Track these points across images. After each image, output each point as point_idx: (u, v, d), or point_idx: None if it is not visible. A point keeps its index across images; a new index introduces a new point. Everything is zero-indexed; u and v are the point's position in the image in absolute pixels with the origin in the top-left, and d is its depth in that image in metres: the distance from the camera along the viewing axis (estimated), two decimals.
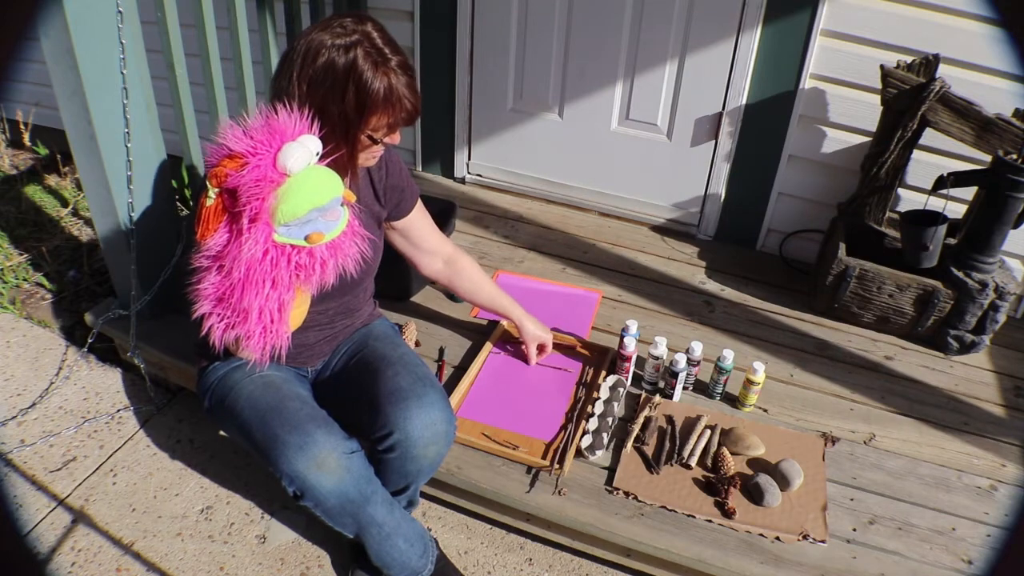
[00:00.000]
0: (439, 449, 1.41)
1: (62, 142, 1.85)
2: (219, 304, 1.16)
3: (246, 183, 1.09)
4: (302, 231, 1.13)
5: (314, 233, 1.13)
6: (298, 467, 1.29)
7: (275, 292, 1.15)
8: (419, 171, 2.94)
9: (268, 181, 1.10)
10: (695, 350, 1.81)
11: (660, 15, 2.34)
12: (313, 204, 1.12)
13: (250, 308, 1.14)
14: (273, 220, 1.11)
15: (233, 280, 1.13)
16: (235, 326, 1.16)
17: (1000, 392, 1.97)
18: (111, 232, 1.82)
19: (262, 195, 1.10)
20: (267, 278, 1.13)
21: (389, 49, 1.23)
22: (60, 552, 1.56)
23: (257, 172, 1.10)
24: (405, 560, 1.44)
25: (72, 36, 1.50)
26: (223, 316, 1.16)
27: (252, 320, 1.15)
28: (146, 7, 1.62)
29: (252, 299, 1.14)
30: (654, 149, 2.56)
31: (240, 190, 1.10)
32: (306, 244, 1.14)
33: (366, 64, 1.20)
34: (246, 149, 1.11)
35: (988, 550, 1.51)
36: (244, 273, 1.12)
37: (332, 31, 1.20)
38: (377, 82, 1.21)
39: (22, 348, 2.12)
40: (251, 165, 1.10)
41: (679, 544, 1.47)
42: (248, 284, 1.13)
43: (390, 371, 1.43)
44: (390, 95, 1.23)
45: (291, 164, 1.11)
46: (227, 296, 1.15)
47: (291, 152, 1.11)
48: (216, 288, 1.15)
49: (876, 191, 2.11)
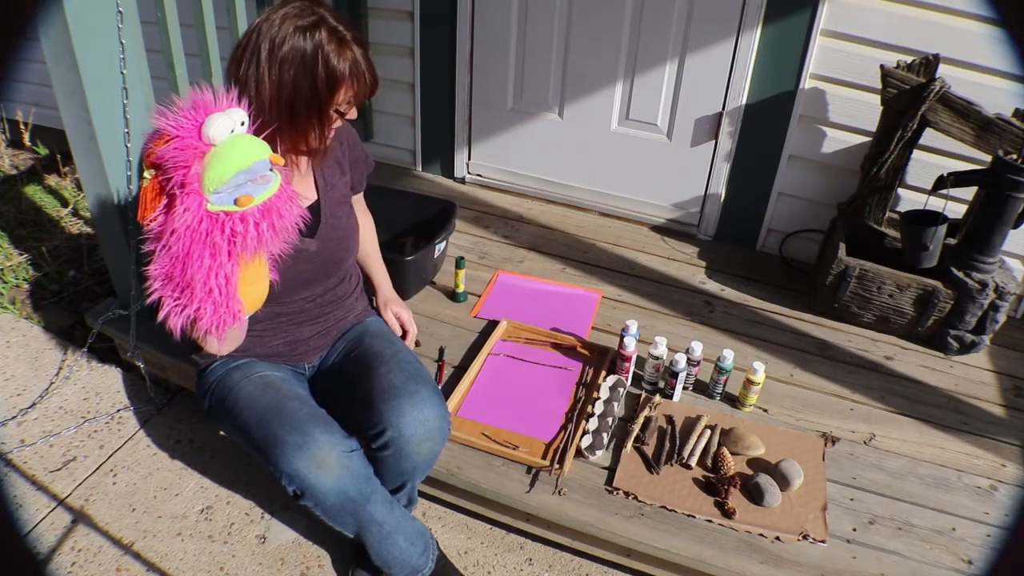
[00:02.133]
0: (433, 446, 1.41)
1: (62, 142, 1.85)
2: (167, 284, 1.16)
3: (168, 152, 1.12)
4: (231, 196, 1.15)
5: (243, 196, 1.15)
6: (298, 466, 1.29)
7: (215, 262, 1.15)
8: (419, 171, 2.94)
9: (192, 149, 1.12)
10: (695, 350, 1.81)
11: (660, 15, 2.34)
12: (238, 167, 1.14)
13: (194, 281, 1.15)
14: (203, 189, 1.13)
15: (173, 255, 1.14)
16: (185, 306, 1.17)
17: (1000, 392, 1.97)
18: (111, 232, 1.82)
19: (187, 162, 1.12)
20: (205, 248, 1.14)
21: (344, 27, 1.28)
22: (60, 552, 1.56)
23: (179, 143, 1.12)
24: (406, 558, 1.44)
25: (72, 36, 1.50)
26: (173, 297, 1.17)
27: (198, 294, 1.15)
28: (146, 7, 1.62)
29: (195, 272, 1.14)
30: (654, 149, 2.56)
31: (164, 160, 1.12)
32: (237, 209, 1.15)
33: (331, 44, 1.24)
34: (169, 125, 1.14)
35: (988, 550, 1.51)
36: (184, 247, 1.13)
37: (290, 16, 1.24)
38: (343, 59, 1.26)
39: (22, 348, 2.12)
40: (176, 138, 1.12)
41: (679, 544, 1.47)
42: (188, 257, 1.14)
43: (383, 368, 1.43)
44: (355, 69, 1.28)
45: (213, 132, 1.13)
46: (171, 274, 1.15)
47: (213, 121, 1.14)
48: (162, 268, 1.16)
49: (876, 191, 2.11)
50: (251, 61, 1.24)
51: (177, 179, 1.12)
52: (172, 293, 1.16)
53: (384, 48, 2.71)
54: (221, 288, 1.16)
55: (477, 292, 2.23)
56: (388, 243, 2.20)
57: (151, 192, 1.16)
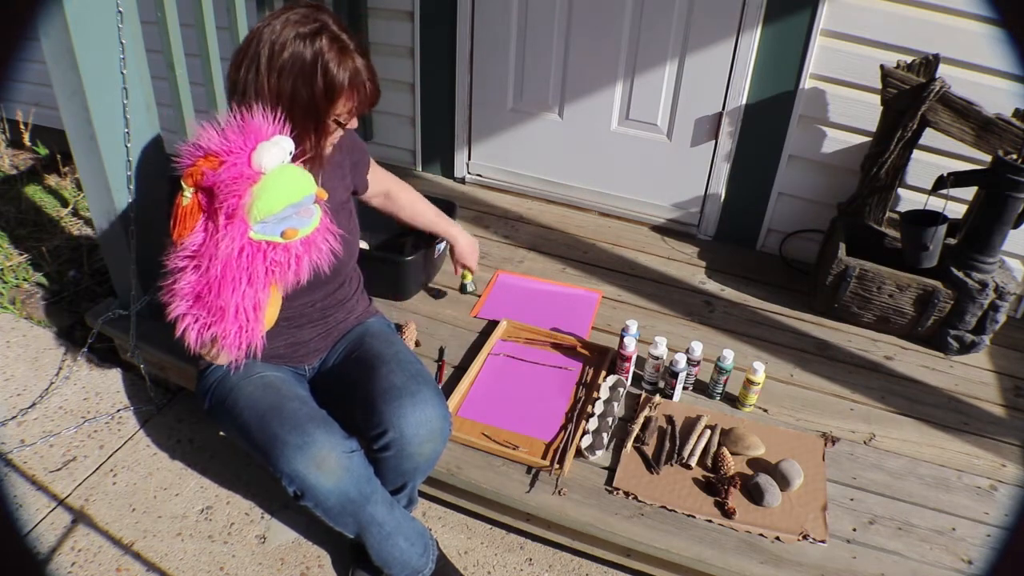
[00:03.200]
0: (435, 447, 1.41)
1: (62, 142, 1.85)
2: (196, 303, 1.17)
3: (223, 180, 1.11)
4: (277, 228, 1.15)
5: (289, 229, 1.16)
6: (298, 467, 1.29)
7: (251, 289, 1.16)
8: (419, 171, 2.94)
9: (245, 178, 1.12)
10: (695, 350, 1.81)
11: (660, 15, 2.34)
12: (289, 200, 1.14)
13: (227, 306, 1.15)
14: (249, 217, 1.13)
15: (210, 278, 1.14)
16: (211, 325, 1.17)
17: (1000, 392, 1.97)
18: (111, 232, 1.82)
19: (239, 192, 1.11)
20: (243, 275, 1.15)
21: (346, 35, 1.26)
22: (60, 552, 1.56)
23: (234, 170, 1.11)
24: (406, 559, 1.44)
25: (72, 36, 1.50)
26: (198, 316, 1.17)
27: (228, 318, 1.16)
28: (146, 7, 1.62)
29: (229, 296, 1.15)
30: (654, 149, 2.56)
31: (217, 188, 1.12)
32: (281, 240, 1.16)
33: (332, 52, 1.23)
34: (222, 148, 1.12)
35: (988, 550, 1.51)
36: (221, 270, 1.13)
37: (292, 22, 1.22)
38: (343, 69, 1.24)
39: (22, 348, 2.12)
40: (227, 163, 1.12)
41: (679, 544, 1.47)
42: (225, 281, 1.14)
43: (384, 369, 1.43)
44: (355, 80, 1.26)
45: (266, 162, 1.13)
46: (204, 294, 1.16)
47: (266, 151, 1.13)
48: (193, 287, 1.16)
49: (876, 191, 2.11)
50: (250, 67, 1.22)
51: (228, 207, 1.12)
52: (198, 311, 1.17)
53: (384, 48, 2.71)
54: (249, 313, 1.18)
55: (477, 292, 2.23)
56: (388, 243, 2.20)
57: (190, 211, 1.15)
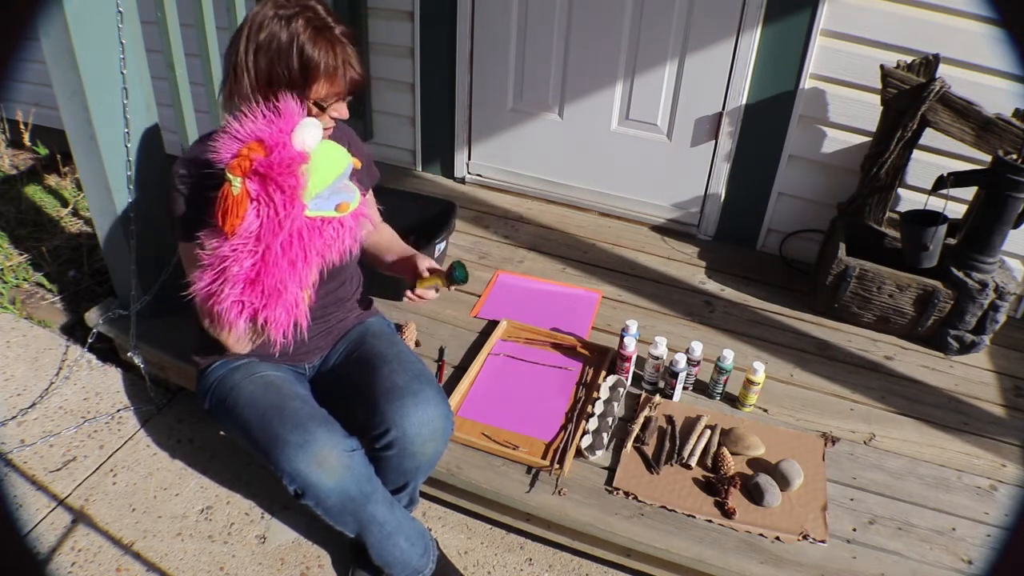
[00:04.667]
0: (437, 446, 1.41)
1: (62, 142, 1.85)
2: (247, 288, 1.18)
3: (277, 163, 1.12)
4: (330, 202, 1.19)
5: (342, 203, 1.20)
6: (299, 465, 1.29)
7: (307, 268, 1.19)
8: (419, 171, 2.94)
9: (297, 159, 1.14)
10: (695, 350, 1.81)
11: (660, 15, 2.34)
12: (337, 172, 1.19)
13: (284, 287, 1.18)
14: (304, 196, 1.15)
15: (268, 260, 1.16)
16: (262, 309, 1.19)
17: (1000, 392, 1.97)
18: (111, 232, 1.82)
19: (294, 172, 1.13)
20: (302, 253, 1.18)
21: (332, 19, 1.26)
22: (60, 552, 1.56)
23: (285, 152, 1.13)
24: (407, 559, 1.44)
25: (72, 36, 1.50)
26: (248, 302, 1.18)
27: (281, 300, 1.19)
28: (146, 7, 1.62)
29: (287, 277, 1.17)
30: (654, 149, 2.56)
31: (273, 172, 1.13)
32: (336, 214, 1.20)
33: (307, 32, 1.23)
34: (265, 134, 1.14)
35: (988, 550, 1.51)
36: (282, 251, 1.16)
37: (276, 4, 1.23)
38: (319, 50, 1.23)
39: (22, 348, 2.12)
40: (276, 147, 1.13)
41: (679, 544, 1.47)
42: (285, 262, 1.17)
43: (386, 368, 1.43)
44: (332, 62, 1.24)
45: (309, 141, 1.15)
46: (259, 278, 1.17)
47: (307, 130, 1.15)
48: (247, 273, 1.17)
49: (876, 191, 2.11)
50: (234, 49, 1.24)
51: (288, 187, 1.13)
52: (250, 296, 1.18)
53: (384, 48, 2.71)
54: (299, 294, 1.21)
55: (477, 292, 2.23)
56: None
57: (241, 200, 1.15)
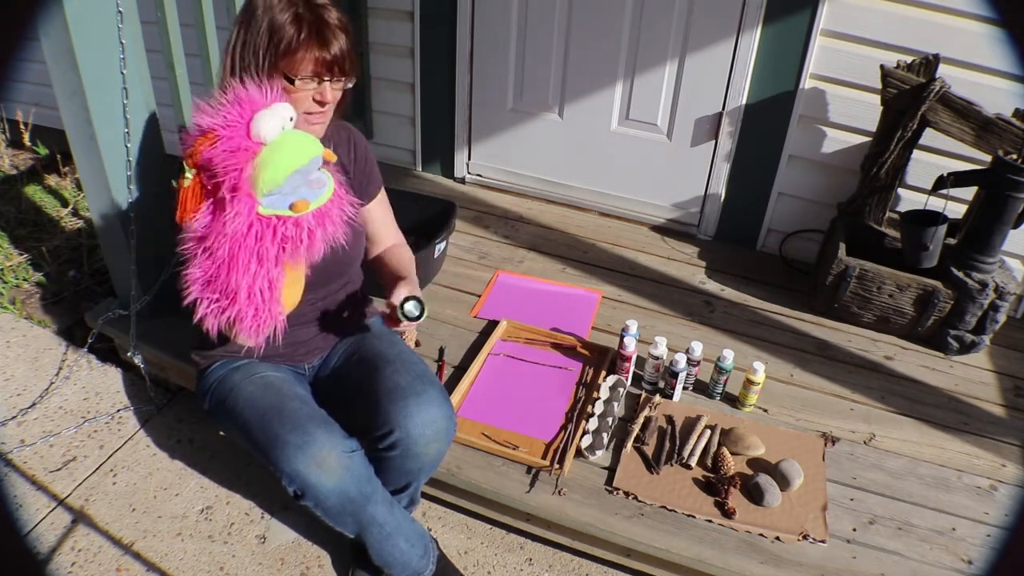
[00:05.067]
0: (440, 447, 1.41)
1: (62, 142, 1.85)
2: (207, 287, 1.12)
3: (219, 155, 1.07)
4: (286, 200, 1.09)
5: (299, 201, 1.10)
6: (298, 466, 1.29)
7: (262, 268, 1.11)
8: (419, 171, 2.94)
9: (243, 150, 1.07)
10: (695, 350, 1.81)
11: (660, 15, 2.34)
12: (293, 167, 1.08)
13: (238, 287, 1.10)
14: (255, 191, 1.07)
15: (218, 259, 1.09)
16: (225, 309, 1.13)
17: (1000, 392, 1.97)
18: (111, 232, 1.82)
19: (238, 165, 1.06)
20: (252, 253, 1.09)
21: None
22: (60, 552, 1.56)
23: (230, 143, 1.07)
24: (406, 560, 1.44)
25: (72, 36, 1.50)
26: (211, 300, 1.13)
27: (241, 300, 1.12)
28: (146, 7, 1.62)
29: (240, 277, 1.10)
30: (654, 149, 2.56)
31: (214, 163, 1.07)
32: (292, 214, 1.10)
33: (281, 4, 1.20)
34: (216, 124, 1.08)
35: (988, 550, 1.51)
36: (228, 251, 1.09)
37: None
38: (289, 19, 1.20)
39: (22, 348, 2.12)
40: (223, 138, 1.07)
41: (679, 544, 1.47)
42: (234, 262, 1.09)
43: (389, 369, 1.42)
44: (300, 32, 1.20)
45: (264, 131, 1.08)
46: (214, 277, 1.11)
47: (264, 119, 1.08)
48: (203, 271, 1.11)
49: (876, 191, 2.11)
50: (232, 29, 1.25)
51: (229, 183, 1.06)
52: (212, 295, 1.12)
53: (384, 48, 2.71)
54: (264, 293, 1.13)
55: (477, 292, 2.23)
56: None
57: (193, 193, 1.10)
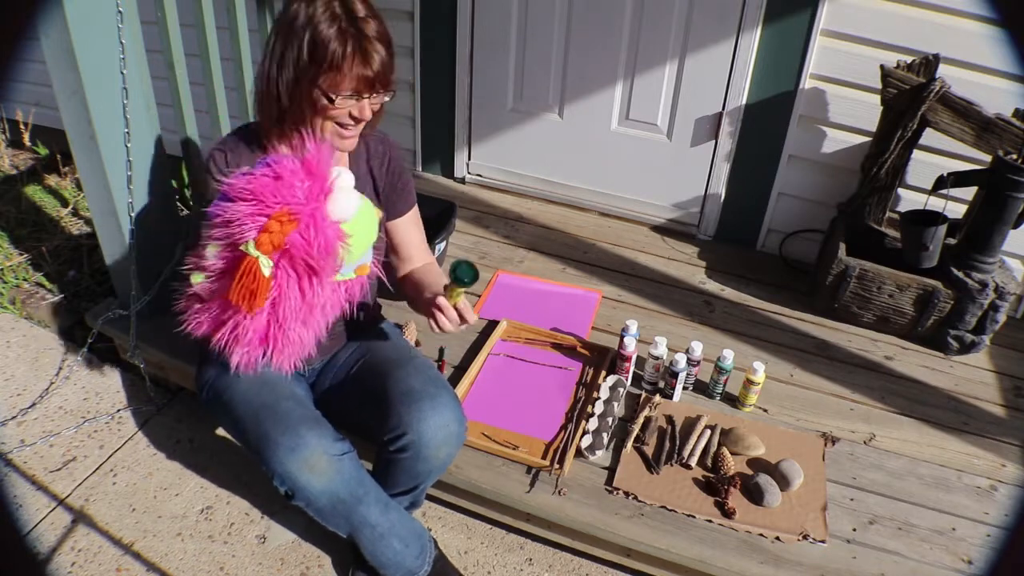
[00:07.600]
0: (450, 451, 1.41)
1: (62, 142, 1.85)
2: (259, 343, 1.21)
3: (319, 249, 1.11)
4: (353, 267, 1.20)
5: (363, 265, 1.21)
6: (289, 468, 1.29)
7: (321, 321, 1.23)
8: (419, 171, 2.94)
9: (335, 238, 1.12)
10: (695, 350, 1.81)
11: (660, 15, 2.34)
12: (369, 243, 1.20)
13: (297, 337, 1.21)
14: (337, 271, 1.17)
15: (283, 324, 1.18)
16: (271, 353, 1.22)
17: (1000, 392, 1.97)
18: (111, 232, 1.82)
19: (335, 256, 1.13)
20: (319, 316, 1.21)
21: (364, 10, 1.21)
22: (60, 552, 1.56)
23: (322, 236, 1.10)
24: (400, 560, 1.44)
25: (72, 36, 1.50)
26: (260, 352, 1.22)
27: (284, 345, 1.22)
28: (146, 7, 1.62)
29: (304, 329, 1.21)
30: (654, 149, 2.56)
31: (311, 259, 1.11)
32: (354, 276, 1.22)
33: (325, 16, 1.19)
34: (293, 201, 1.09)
35: (988, 550, 1.51)
36: (296, 314, 1.18)
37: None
38: (333, 34, 1.18)
39: (22, 348, 2.12)
40: (310, 224, 1.09)
41: (679, 544, 1.47)
42: (297, 323, 1.19)
43: (401, 372, 1.42)
44: (342, 48, 1.18)
45: (346, 212, 1.13)
46: (271, 334, 1.19)
47: (343, 199, 1.13)
48: (262, 331, 1.19)
49: (876, 191, 2.11)
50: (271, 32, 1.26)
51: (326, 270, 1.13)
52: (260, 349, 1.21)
53: None
54: (309, 338, 1.23)
55: (477, 292, 2.23)
56: None
57: (269, 281, 1.12)
